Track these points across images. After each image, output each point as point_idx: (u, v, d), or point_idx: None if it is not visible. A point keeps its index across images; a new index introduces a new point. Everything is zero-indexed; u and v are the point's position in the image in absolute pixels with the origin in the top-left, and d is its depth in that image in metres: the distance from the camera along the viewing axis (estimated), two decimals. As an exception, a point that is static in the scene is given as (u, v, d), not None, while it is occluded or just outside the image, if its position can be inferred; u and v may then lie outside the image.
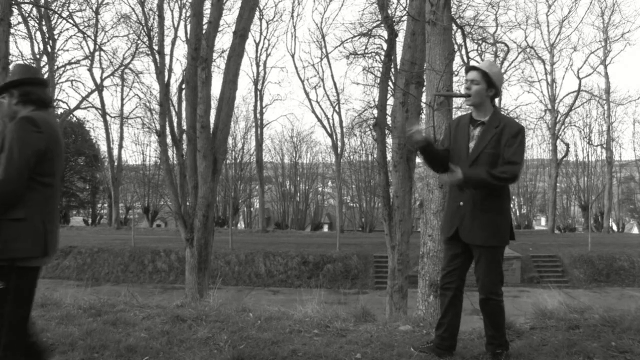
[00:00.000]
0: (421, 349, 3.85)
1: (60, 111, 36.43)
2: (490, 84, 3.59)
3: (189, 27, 15.30)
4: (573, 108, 38.70)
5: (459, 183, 3.48)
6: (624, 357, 3.67)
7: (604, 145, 40.49)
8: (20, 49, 42.14)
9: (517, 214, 46.90)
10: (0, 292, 2.90)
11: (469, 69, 3.73)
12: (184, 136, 13.58)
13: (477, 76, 3.61)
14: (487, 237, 3.54)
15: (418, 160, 12.59)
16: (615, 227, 45.57)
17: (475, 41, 21.18)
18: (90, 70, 33.70)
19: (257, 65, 38.16)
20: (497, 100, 3.79)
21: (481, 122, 3.64)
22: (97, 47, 32.58)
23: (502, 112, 3.77)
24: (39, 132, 2.95)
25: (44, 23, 30.42)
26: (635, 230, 47.86)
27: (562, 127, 39.35)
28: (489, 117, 3.62)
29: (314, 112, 47.40)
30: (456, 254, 3.71)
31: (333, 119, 37.57)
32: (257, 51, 38.73)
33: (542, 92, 46.18)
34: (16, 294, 2.92)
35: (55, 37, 31.35)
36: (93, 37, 32.29)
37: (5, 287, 2.89)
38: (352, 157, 46.33)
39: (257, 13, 33.07)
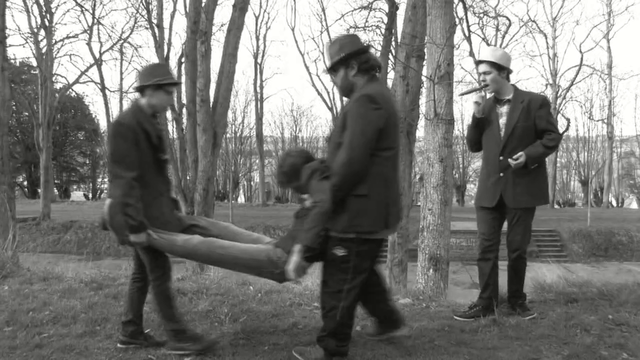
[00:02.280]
0: (469, 315, 4.05)
1: (59, 86, 36.19)
2: (500, 68, 3.95)
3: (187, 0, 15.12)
4: (574, 82, 38.43)
5: (527, 163, 3.80)
6: (620, 329, 3.72)
7: (605, 120, 40.32)
8: (17, 23, 41.71)
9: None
10: (341, 259, 3.00)
11: (477, 63, 4.11)
12: (184, 110, 13.53)
13: (486, 67, 3.98)
14: (530, 200, 3.93)
15: (418, 134, 12.56)
16: (614, 202, 45.68)
17: (477, 14, 20.84)
18: (88, 44, 33.33)
19: (257, 39, 37.93)
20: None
21: (507, 100, 3.99)
22: (96, 20, 32.20)
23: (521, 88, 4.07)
24: (378, 109, 2.94)
25: (41, -5, 29.95)
26: (634, 206, 47.97)
27: (563, 101, 39.11)
28: (513, 95, 3.97)
29: (314, 85, 46.95)
30: (494, 220, 4.08)
31: (333, 93, 37.28)
32: (256, 24, 38.57)
33: (543, 66, 46.11)
34: (356, 264, 3.02)
35: (53, 10, 30.81)
36: (91, 11, 31.86)
37: (347, 255, 2.99)
38: (352, 131, 46.01)
39: (257, -15, 32.61)
